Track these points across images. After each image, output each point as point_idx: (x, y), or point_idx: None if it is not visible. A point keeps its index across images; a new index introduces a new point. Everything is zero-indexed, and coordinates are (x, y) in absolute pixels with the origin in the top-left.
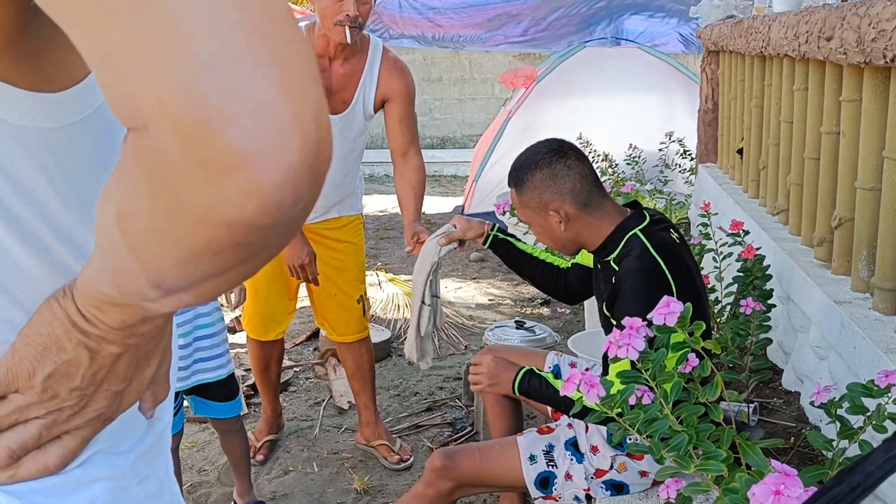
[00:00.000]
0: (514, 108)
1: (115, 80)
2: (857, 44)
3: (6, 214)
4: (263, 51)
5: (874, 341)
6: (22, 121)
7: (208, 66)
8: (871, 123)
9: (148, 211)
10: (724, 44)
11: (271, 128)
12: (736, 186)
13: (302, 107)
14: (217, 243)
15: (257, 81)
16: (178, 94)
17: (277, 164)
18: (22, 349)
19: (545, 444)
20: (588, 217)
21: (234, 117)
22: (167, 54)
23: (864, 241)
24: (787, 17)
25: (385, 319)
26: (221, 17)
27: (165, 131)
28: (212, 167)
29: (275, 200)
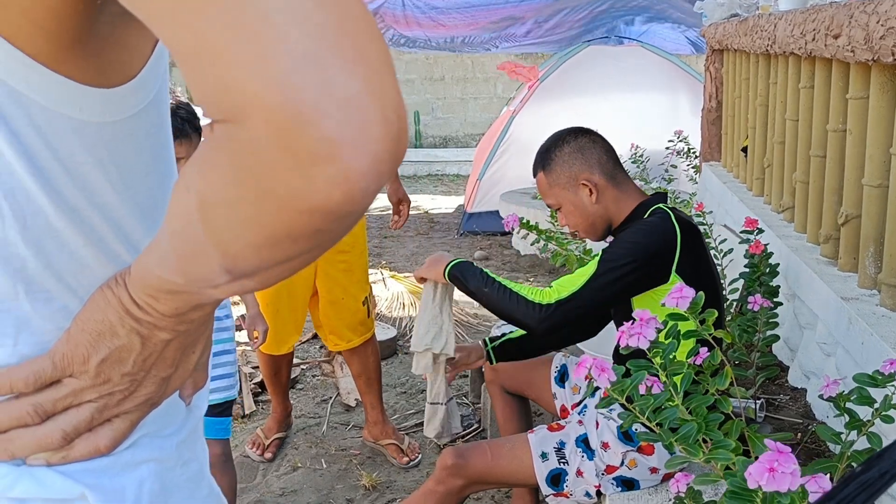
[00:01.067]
0: (517, 108)
1: (208, 75)
2: (865, 41)
3: (65, 205)
4: (350, 49)
5: (882, 337)
6: (81, 115)
7: (302, 63)
8: (879, 121)
9: (234, 199)
10: (728, 42)
11: (359, 120)
12: (740, 185)
13: (385, 101)
14: (299, 229)
15: (346, 77)
16: (275, 89)
17: (365, 153)
18: (77, 335)
19: (556, 441)
20: (615, 190)
21: (326, 110)
22: (263, 52)
23: (870, 238)
24: (793, 15)
25: (390, 318)
26: (310, 17)
27: (260, 124)
28: (303, 157)
29: (361, 188)
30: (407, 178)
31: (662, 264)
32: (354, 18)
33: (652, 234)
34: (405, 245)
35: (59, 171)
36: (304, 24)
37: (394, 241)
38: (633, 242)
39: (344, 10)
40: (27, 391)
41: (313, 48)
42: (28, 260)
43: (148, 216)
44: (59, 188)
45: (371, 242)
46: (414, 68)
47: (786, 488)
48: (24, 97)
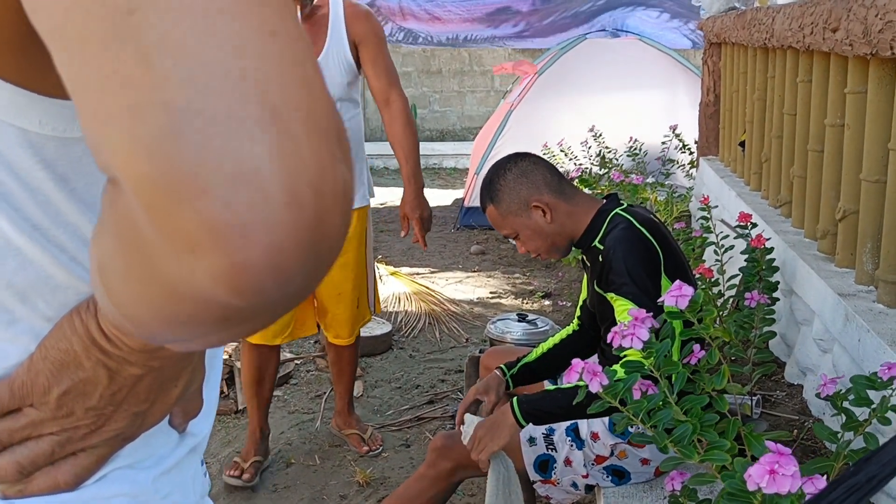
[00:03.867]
0: (516, 101)
1: (84, 125)
2: (863, 35)
3: (26, 224)
4: (255, 104)
5: (879, 333)
6: (41, 129)
7: (179, 121)
8: (877, 115)
9: (122, 271)
10: (726, 35)
11: (255, 200)
12: (738, 179)
13: (299, 172)
14: (199, 316)
15: (241, 142)
16: (143, 155)
17: (257, 244)
18: (39, 362)
19: (545, 427)
20: (567, 204)
21: (207, 187)
22: (136, 102)
23: (868, 234)
24: (791, 9)
25: (386, 313)
26: (204, 60)
27: (130, 195)
28: (178, 241)
29: (251, 284)
30: None
31: (657, 266)
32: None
33: (639, 255)
34: (402, 240)
35: (14, 187)
36: (194, 69)
37: (390, 236)
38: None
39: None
40: None
41: (199, 102)
42: None
43: None
44: (18, 205)
45: None
46: (411, 61)
47: (786, 491)
48: None
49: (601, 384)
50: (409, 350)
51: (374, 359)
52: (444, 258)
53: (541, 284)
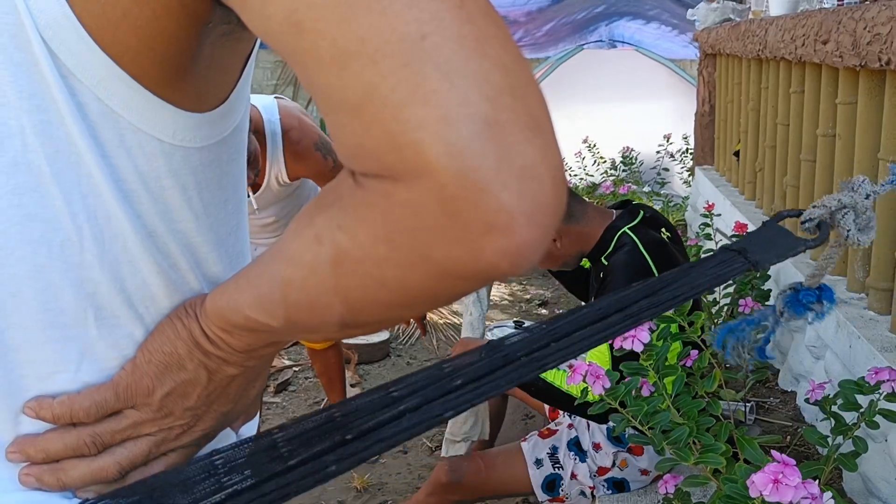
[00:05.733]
0: None
1: (372, 129)
2: (852, 47)
3: (143, 230)
4: (526, 115)
5: (869, 340)
6: (173, 139)
7: (483, 130)
8: (867, 126)
9: (381, 259)
10: (721, 47)
11: (536, 192)
12: (733, 188)
13: (558, 168)
14: (446, 293)
15: (524, 146)
16: (453, 156)
17: (539, 225)
18: (143, 365)
19: (549, 446)
20: (576, 226)
21: (505, 181)
22: (443, 112)
23: None
24: (783, 21)
25: None
26: (490, 80)
27: (430, 189)
28: (474, 227)
29: (528, 258)
30: None
31: None
32: (527, 80)
33: (632, 279)
34: None
35: (143, 195)
36: (485, 86)
37: None
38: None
39: (519, 70)
40: (88, 421)
41: (494, 114)
42: (101, 284)
43: (222, 244)
44: (142, 213)
45: None
46: None
47: (789, 500)
48: (120, 118)
49: (604, 387)
50: (407, 357)
51: (372, 366)
52: None
53: (538, 293)
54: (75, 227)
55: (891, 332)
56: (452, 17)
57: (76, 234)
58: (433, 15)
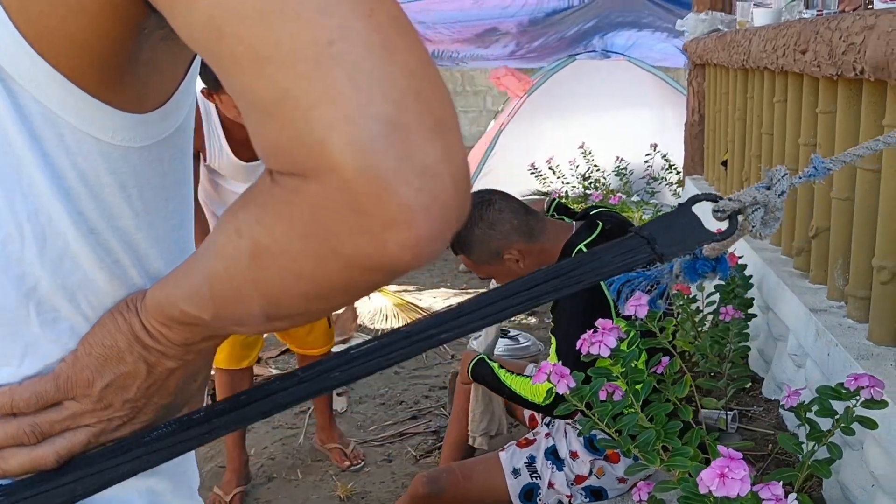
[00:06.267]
0: (505, 122)
1: (285, 128)
2: (829, 56)
3: (84, 227)
4: (429, 116)
5: (846, 347)
6: (112, 139)
7: (385, 130)
8: (845, 134)
9: (296, 252)
10: (708, 57)
11: (436, 188)
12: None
13: (459, 167)
14: (358, 285)
15: (425, 145)
16: (359, 154)
17: (438, 220)
18: (83, 358)
19: (526, 456)
20: (537, 245)
21: (407, 179)
22: (348, 113)
23: (839, 251)
24: (766, 31)
25: (372, 330)
26: (395, 82)
27: (337, 185)
28: (377, 221)
29: (429, 251)
30: None
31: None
32: (434, 84)
33: (582, 300)
34: None
35: (83, 193)
36: (389, 89)
37: None
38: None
39: (425, 74)
40: (28, 411)
41: (397, 115)
42: (42, 280)
43: (164, 241)
44: (82, 210)
45: None
46: None
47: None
48: (58, 119)
49: (568, 386)
50: (395, 366)
51: None
52: (433, 276)
53: None
54: (16, 224)
55: (868, 340)
56: (362, 25)
57: (17, 231)
58: (343, 22)
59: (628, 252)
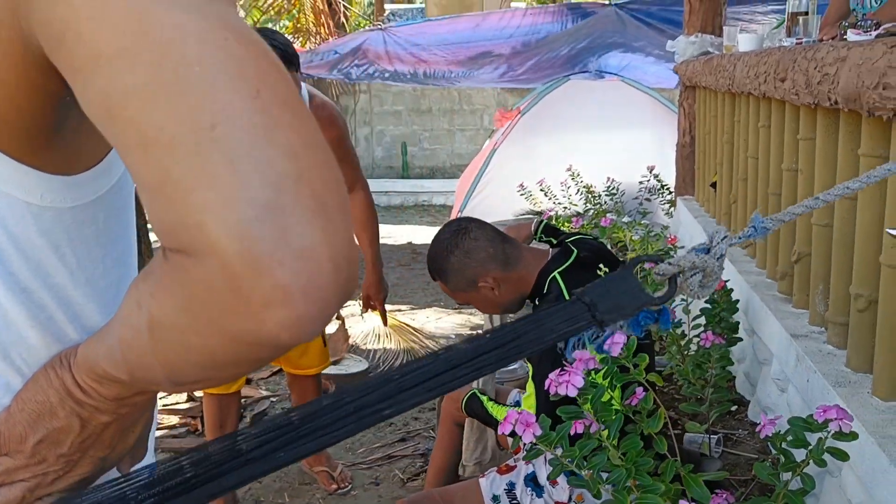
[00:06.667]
0: (499, 141)
1: (168, 210)
2: (806, 86)
3: (16, 287)
4: (309, 198)
5: (824, 374)
6: (42, 202)
7: (261, 213)
8: (825, 161)
9: (184, 326)
10: (697, 80)
11: (313, 269)
12: (710, 219)
13: (339, 249)
14: (245, 358)
15: (304, 229)
16: (234, 237)
17: (316, 301)
18: (17, 414)
19: (506, 482)
20: (513, 272)
21: (282, 260)
22: (225, 199)
23: (819, 276)
24: (749, 57)
25: (364, 350)
26: (274, 166)
27: (216, 266)
28: (256, 301)
29: (307, 330)
30: (394, 209)
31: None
32: (319, 165)
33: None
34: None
35: (13, 254)
36: (268, 172)
37: None
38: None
39: (308, 157)
40: None
41: (274, 198)
42: None
43: (103, 296)
44: (13, 270)
45: None
46: (401, 100)
47: None
48: None
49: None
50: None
51: None
52: (427, 295)
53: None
54: None
55: (846, 367)
56: (246, 107)
57: None
58: (226, 105)
59: (570, 319)
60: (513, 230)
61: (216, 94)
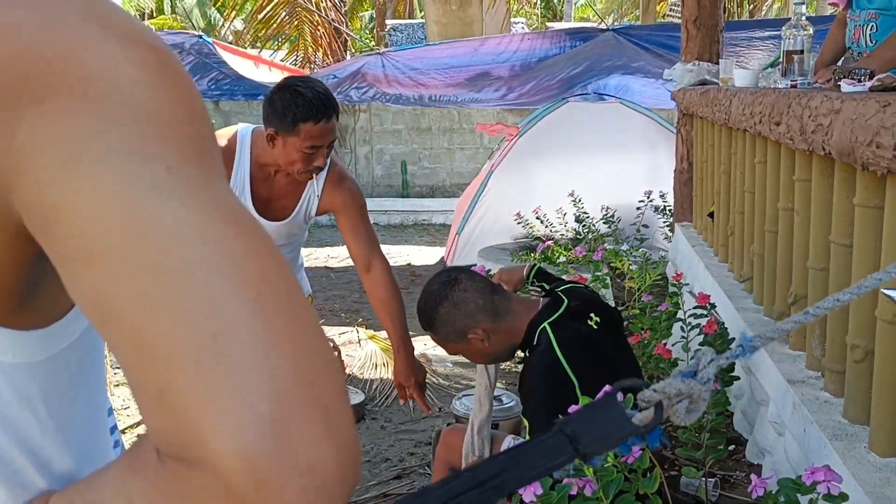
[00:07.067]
0: (496, 162)
1: (166, 418)
2: (800, 132)
3: None
4: (314, 407)
5: (821, 426)
6: (14, 359)
7: (267, 429)
8: (821, 205)
9: None
10: (694, 109)
11: (320, 484)
12: (708, 249)
13: (347, 457)
14: None
15: (310, 441)
16: (237, 455)
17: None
18: None
19: None
20: (503, 324)
21: (289, 479)
22: (229, 412)
23: (816, 322)
24: (744, 95)
25: (361, 380)
26: (278, 376)
27: (217, 483)
28: None
29: None
30: (393, 228)
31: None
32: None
33: (545, 381)
34: None
35: None
36: (272, 384)
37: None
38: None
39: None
40: None
41: (279, 412)
42: None
43: (73, 441)
44: None
45: (350, 298)
46: (401, 119)
47: None
48: None
49: (535, 494)
50: (382, 420)
51: None
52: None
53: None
54: None
55: (843, 418)
56: (247, 313)
57: None
58: (228, 312)
59: (551, 453)
60: (504, 274)
61: (217, 300)
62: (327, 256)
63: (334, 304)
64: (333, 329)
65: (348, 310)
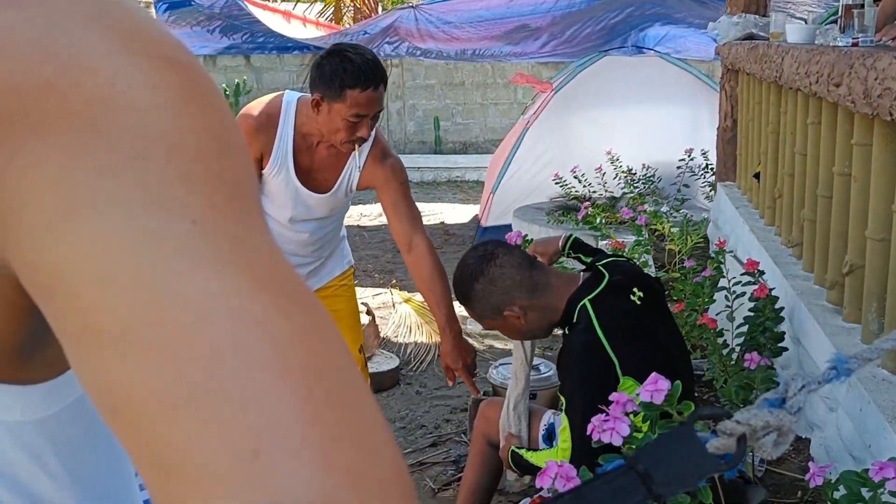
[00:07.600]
0: (531, 118)
1: None
2: (864, 95)
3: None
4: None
5: (880, 407)
6: (22, 416)
7: None
8: (882, 171)
9: None
10: (741, 65)
11: None
12: (753, 210)
13: None
14: None
15: None
16: None
17: None
18: None
19: None
20: (540, 300)
21: None
22: None
23: (873, 292)
24: (798, 52)
25: (396, 343)
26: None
27: None
28: None
29: None
30: (426, 185)
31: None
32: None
33: (585, 361)
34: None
35: None
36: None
37: None
38: (576, 384)
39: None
40: None
41: None
42: None
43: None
44: None
45: (384, 258)
46: (434, 73)
47: None
48: None
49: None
50: (417, 385)
51: (381, 395)
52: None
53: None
54: None
55: None
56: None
57: None
58: (271, 420)
59: (620, 493)
60: (539, 246)
61: (257, 404)
62: (360, 215)
63: (367, 265)
64: (367, 291)
65: (382, 270)
